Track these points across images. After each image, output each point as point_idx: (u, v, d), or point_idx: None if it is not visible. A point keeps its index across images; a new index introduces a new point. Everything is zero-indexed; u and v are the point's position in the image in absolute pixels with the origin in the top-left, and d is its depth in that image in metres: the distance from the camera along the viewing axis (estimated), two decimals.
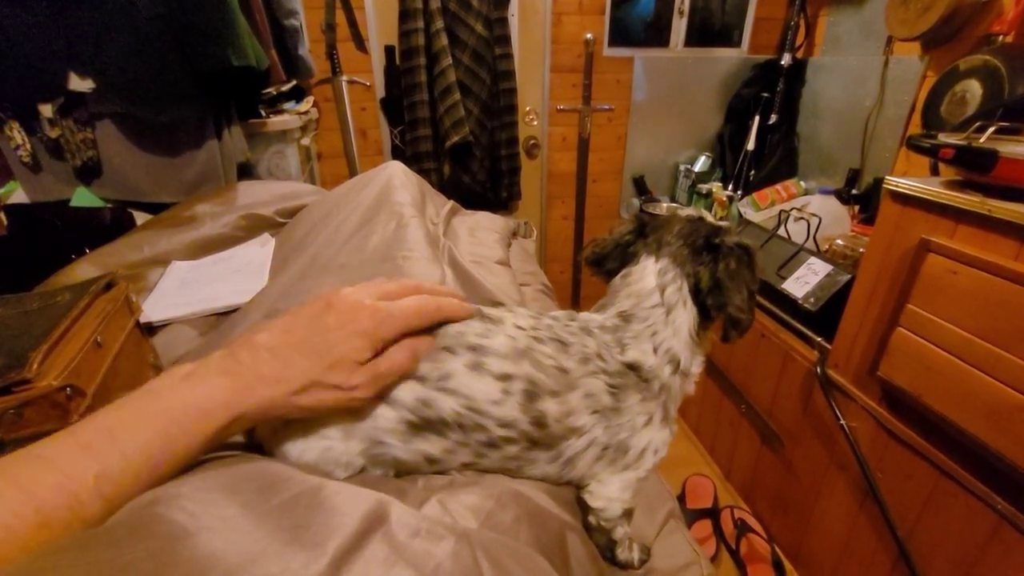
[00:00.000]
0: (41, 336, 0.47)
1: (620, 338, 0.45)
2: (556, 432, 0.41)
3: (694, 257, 0.47)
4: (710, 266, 0.46)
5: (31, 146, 1.00)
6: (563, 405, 0.40)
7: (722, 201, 1.98)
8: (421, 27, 1.71)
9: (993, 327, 0.79)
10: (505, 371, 0.39)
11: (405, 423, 0.37)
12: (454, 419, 0.38)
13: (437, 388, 0.38)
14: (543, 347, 0.41)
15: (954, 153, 0.84)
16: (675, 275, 0.46)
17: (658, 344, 0.45)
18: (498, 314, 0.43)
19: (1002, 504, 0.83)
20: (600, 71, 2.05)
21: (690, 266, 0.46)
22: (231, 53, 1.01)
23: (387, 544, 0.27)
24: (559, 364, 0.41)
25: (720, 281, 0.45)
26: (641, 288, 0.47)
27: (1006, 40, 1.27)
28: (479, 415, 0.38)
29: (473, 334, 0.40)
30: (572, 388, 0.41)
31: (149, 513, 0.25)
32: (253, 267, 0.84)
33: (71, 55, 0.94)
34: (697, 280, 0.46)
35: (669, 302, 0.45)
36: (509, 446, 0.40)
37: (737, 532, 1.40)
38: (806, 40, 1.97)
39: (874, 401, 1.04)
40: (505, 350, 0.40)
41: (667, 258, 0.47)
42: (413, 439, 0.38)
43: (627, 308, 0.46)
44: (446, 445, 0.39)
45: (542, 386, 0.40)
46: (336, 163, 1.98)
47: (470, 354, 0.39)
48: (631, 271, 0.49)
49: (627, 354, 0.44)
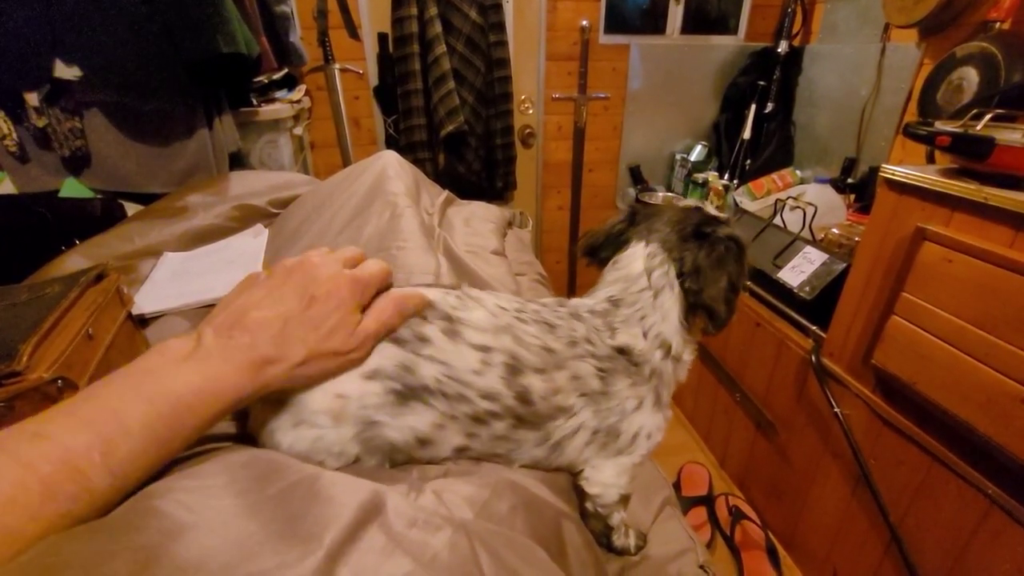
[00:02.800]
0: (30, 328, 0.46)
1: (610, 322, 0.45)
2: (542, 410, 0.41)
3: (681, 243, 0.47)
4: (695, 252, 0.46)
5: (18, 135, 0.98)
6: (549, 383, 0.41)
7: (718, 190, 1.98)
8: (414, 14, 1.68)
9: (988, 315, 0.79)
10: (483, 343, 0.40)
11: (392, 393, 0.37)
12: (436, 386, 0.38)
13: (416, 353, 0.38)
14: (527, 327, 0.42)
15: (950, 141, 0.84)
16: (662, 259, 0.46)
17: (647, 328, 0.45)
18: (479, 294, 0.44)
19: (993, 489, 0.84)
20: (596, 59, 2.04)
21: (677, 251, 0.46)
22: (220, 40, 0.99)
23: (384, 534, 0.26)
24: (544, 344, 0.41)
25: (699, 267, 0.45)
26: (629, 272, 0.47)
27: (1003, 27, 1.27)
28: (460, 384, 0.38)
29: (448, 306, 0.41)
30: (559, 368, 0.41)
31: (144, 506, 0.25)
32: (246, 258, 0.83)
33: (56, 42, 0.92)
34: (681, 264, 0.46)
35: (656, 285, 0.46)
36: (496, 421, 0.40)
37: (732, 519, 1.41)
38: (803, 27, 1.96)
39: (868, 389, 1.05)
40: (483, 324, 0.40)
41: (656, 243, 0.47)
42: (401, 411, 0.38)
43: (615, 293, 0.47)
44: (434, 418, 0.38)
45: (525, 361, 0.40)
46: (329, 153, 1.96)
47: (444, 322, 0.40)
48: (620, 257, 0.49)
49: (617, 338, 0.44)
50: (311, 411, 0.37)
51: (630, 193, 2.27)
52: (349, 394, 0.37)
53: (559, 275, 2.49)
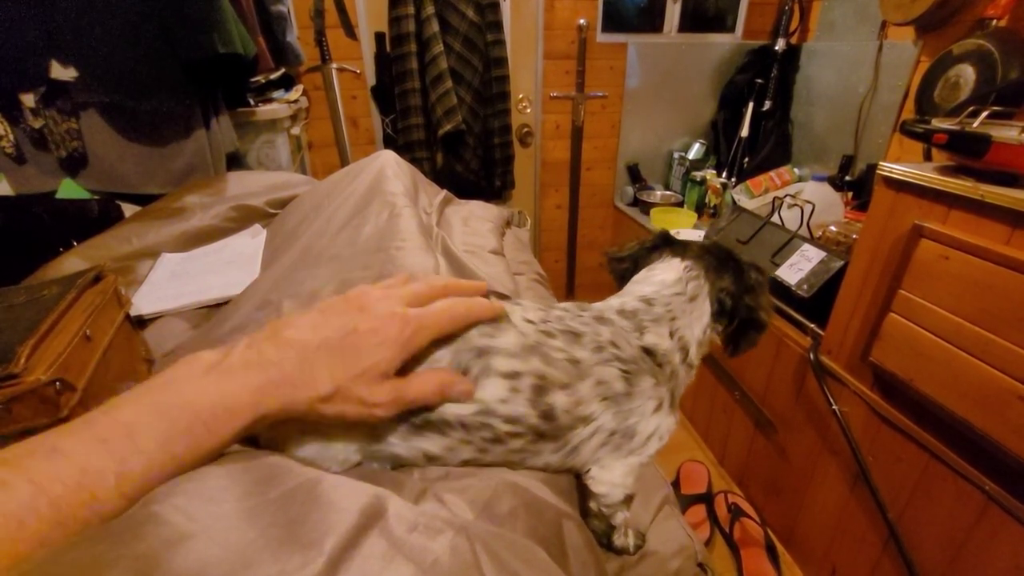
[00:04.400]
0: (28, 330, 0.46)
1: (640, 322, 0.45)
2: (564, 423, 0.40)
3: (718, 265, 0.50)
4: (736, 274, 0.49)
5: (14, 137, 0.97)
6: (572, 396, 0.40)
7: (716, 188, 1.98)
8: (411, 13, 1.68)
9: (984, 312, 0.79)
10: (513, 369, 0.38)
11: (407, 424, 0.37)
12: (457, 420, 0.37)
13: None
14: (553, 341, 0.41)
15: (947, 138, 0.84)
16: (699, 274, 0.49)
17: (675, 329, 0.46)
18: (510, 308, 0.42)
19: (990, 486, 0.85)
20: (593, 57, 2.03)
21: (714, 273, 0.49)
22: (217, 40, 0.98)
23: (385, 539, 0.26)
24: (571, 355, 0.41)
25: (753, 285, 0.49)
26: (665, 279, 0.49)
27: (1000, 24, 1.27)
28: (485, 415, 0.38)
29: (479, 334, 0.39)
30: (583, 378, 0.41)
31: (144, 513, 0.25)
32: (244, 258, 0.83)
33: (52, 43, 0.91)
34: (721, 285, 0.49)
35: (692, 293, 0.48)
36: (515, 440, 0.39)
37: (731, 516, 1.42)
38: (800, 25, 1.96)
39: (866, 386, 1.05)
40: (514, 348, 0.39)
41: (692, 259, 0.50)
42: (413, 438, 0.38)
43: (649, 294, 0.47)
44: (448, 443, 0.38)
45: (552, 380, 0.39)
46: (327, 153, 1.96)
47: (478, 361, 0.38)
48: (656, 266, 0.51)
49: (645, 338, 0.44)
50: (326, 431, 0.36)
51: (628, 192, 2.27)
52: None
53: (557, 274, 2.49)
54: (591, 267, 2.50)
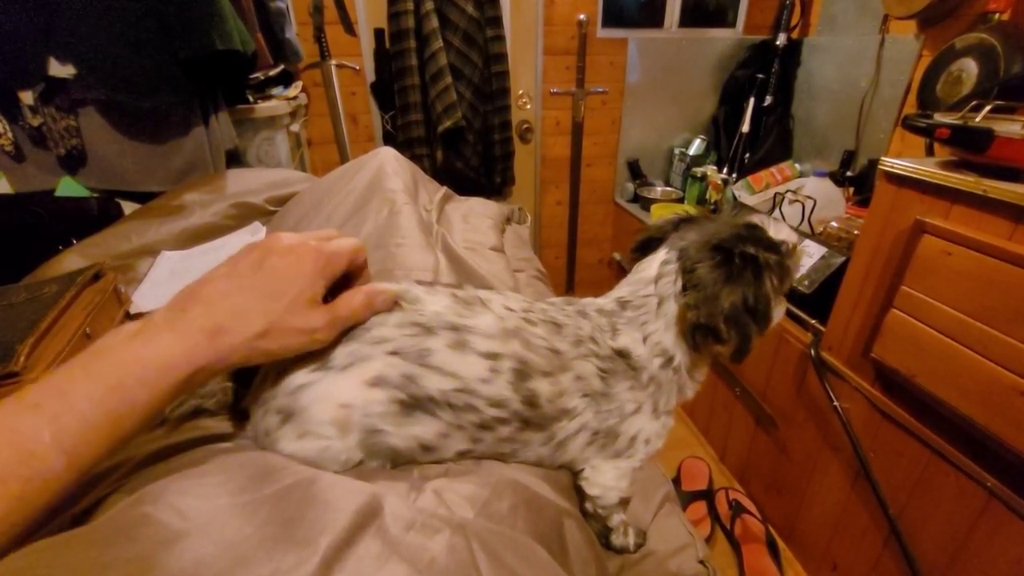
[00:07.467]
0: (28, 328, 0.46)
1: (614, 323, 0.44)
2: (548, 412, 0.41)
3: (697, 255, 0.42)
4: (706, 265, 0.41)
5: (13, 135, 0.97)
6: (555, 385, 0.40)
7: (717, 184, 1.97)
8: (411, 8, 1.67)
9: (987, 307, 0.79)
10: (492, 350, 0.39)
11: (396, 403, 0.37)
12: (442, 397, 0.37)
13: (419, 364, 0.37)
14: (535, 328, 0.41)
15: (950, 133, 0.84)
16: (674, 268, 0.44)
17: (647, 334, 0.44)
18: (487, 296, 0.43)
19: (992, 482, 0.84)
20: (593, 53, 2.02)
21: (689, 262, 0.42)
22: (216, 36, 0.98)
23: (380, 539, 0.26)
24: (551, 345, 0.41)
25: (700, 281, 0.40)
26: (643, 276, 0.46)
27: (1002, 18, 1.26)
28: (468, 394, 0.38)
29: (453, 314, 0.39)
30: (564, 369, 0.41)
31: (136, 514, 0.25)
32: None
33: (50, 40, 0.91)
34: (688, 276, 0.42)
35: (661, 293, 0.44)
36: (502, 427, 0.40)
37: (732, 513, 1.42)
38: (801, 20, 1.95)
39: (867, 382, 1.05)
40: (492, 330, 0.39)
41: (676, 251, 0.45)
42: (406, 421, 0.38)
43: (625, 295, 0.46)
44: (439, 428, 0.38)
45: (533, 366, 0.40)
46: (326, 150, 1.95)
47: (452, 333, 0.38)
48: (643, 261, 0.48)
49: (618, 340, 0.44)
50: (316, 422, 0.36)
51: (628, 188, 2.26)
52: (353, 403, 0.36)
53: (558, 271, 2.49)
54: (591, 263, 2.49)
